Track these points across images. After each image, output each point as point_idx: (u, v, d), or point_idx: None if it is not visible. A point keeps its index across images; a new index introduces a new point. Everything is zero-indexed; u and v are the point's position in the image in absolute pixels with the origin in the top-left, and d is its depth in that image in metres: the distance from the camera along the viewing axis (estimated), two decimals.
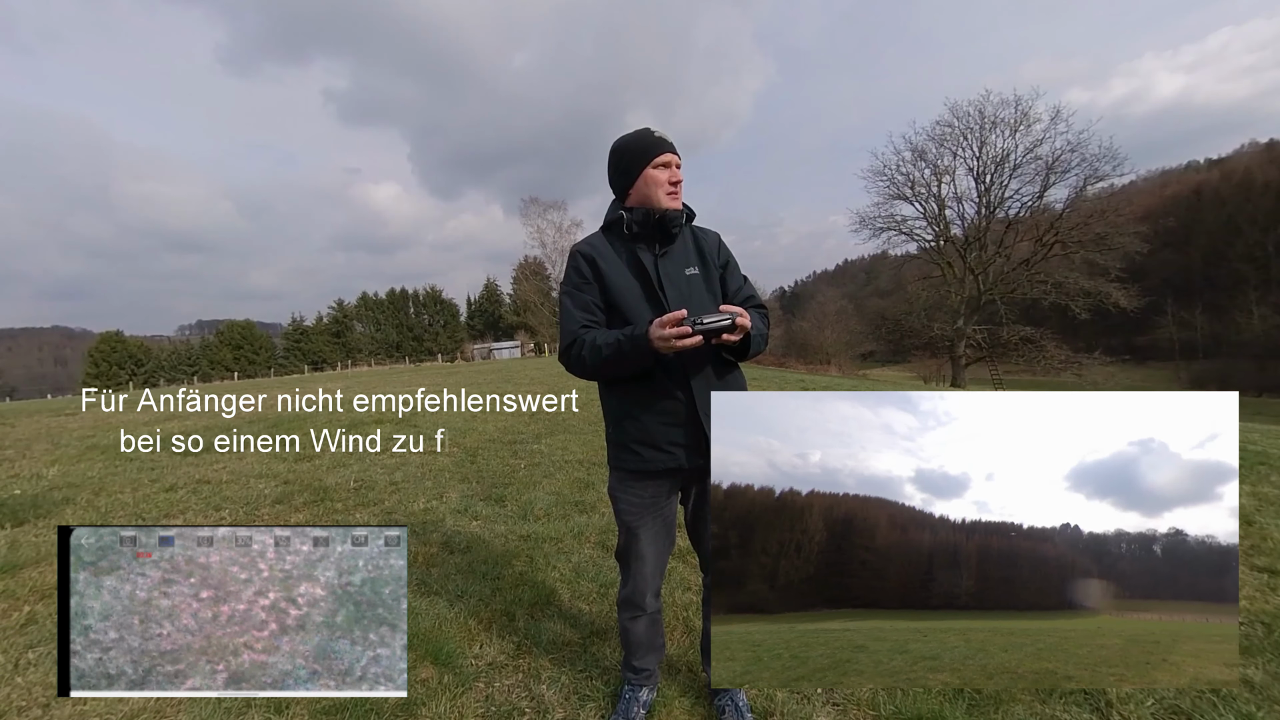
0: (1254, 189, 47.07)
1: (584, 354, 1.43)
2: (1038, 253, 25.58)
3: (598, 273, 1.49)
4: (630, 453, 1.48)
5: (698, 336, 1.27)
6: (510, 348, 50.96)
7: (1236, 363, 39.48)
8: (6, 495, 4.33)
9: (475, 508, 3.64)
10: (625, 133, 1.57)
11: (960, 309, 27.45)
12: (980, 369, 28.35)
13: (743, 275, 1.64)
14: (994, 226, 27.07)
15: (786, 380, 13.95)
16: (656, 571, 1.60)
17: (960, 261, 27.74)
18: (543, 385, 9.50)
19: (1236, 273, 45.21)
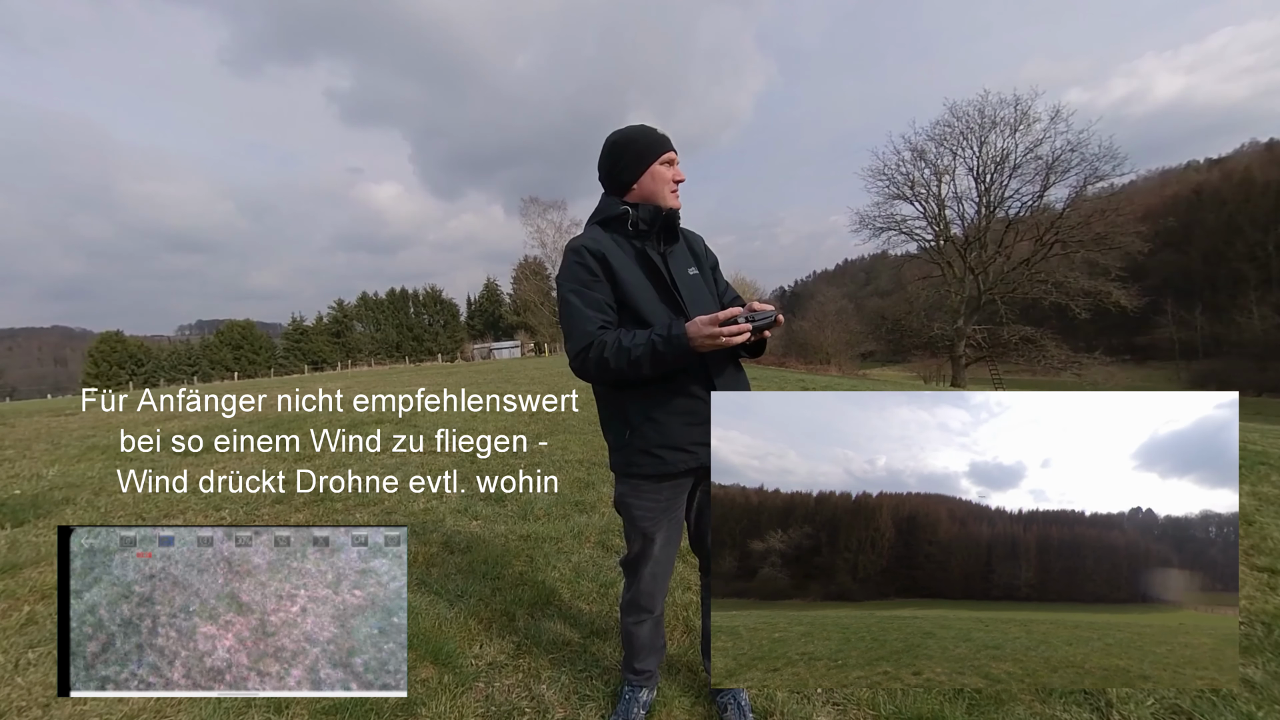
0: (1254, 189, 47.04)
1: (606, 356, 1.32)
2: (1038, 252, 25.56)
3: (609, 270, 1.41)
4: (651, 457, 1.42)
5: (750, 333, 1.27)
6: (510, 348, 50.95)
7: (1236, 363, 39.47)
8: (6, 495, 4.33)
9: (475, 508, 3.63)
10: (619, 128, 1.53)
11: (960, 309, 27.44)
12: (980, 369, 28.35)
13: (724, 279, 1.66)
14: (994, 226, 27.05)
15: (787, 380, 13.94)
16: (667, 574, 1.59)
17: (960, 261, 27.73)
18: (543, 385, 9.50)
19: (1236, 273, 45.19)
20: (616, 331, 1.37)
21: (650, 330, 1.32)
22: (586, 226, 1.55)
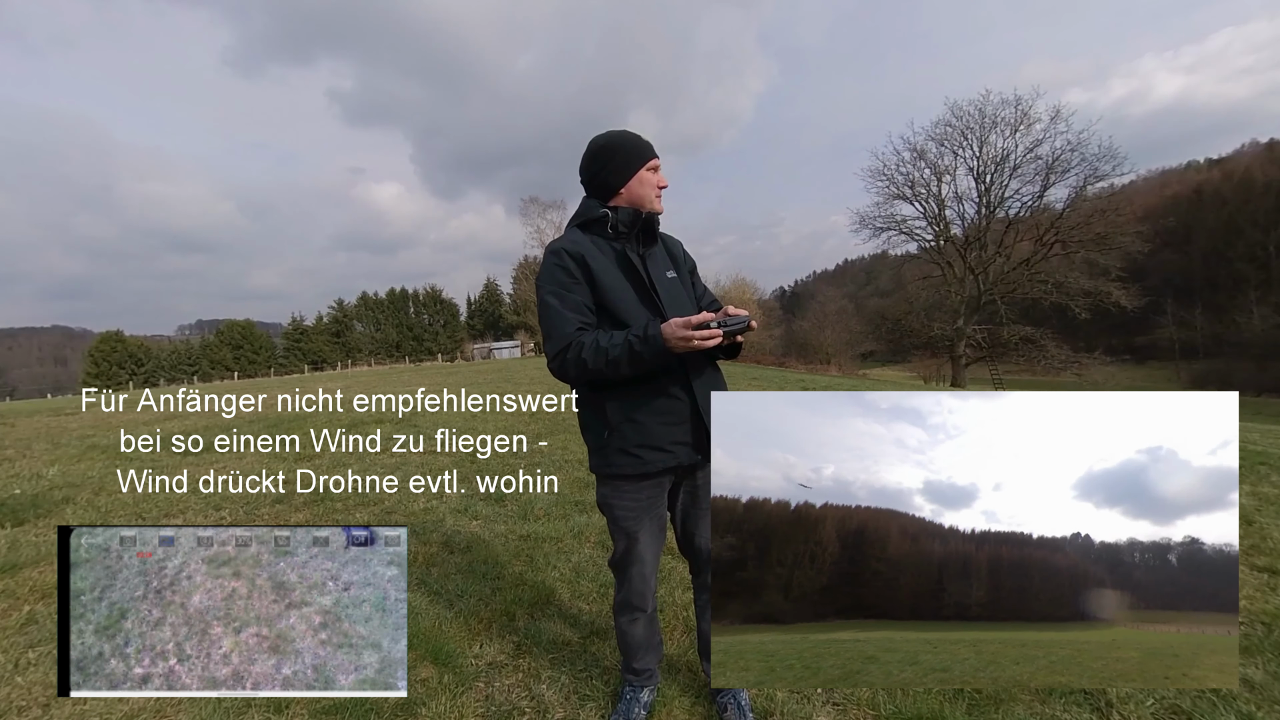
0: (1254, 189, 47.02)
1: (584, 356, 1.35)
2: (1038, 252, 25.59)
3: (588, 272, 1.43)
4: (630, 457, 1.45)
5: (722, 337, 1.28)
6: (510, 347, 50.96)
7: (1236, 363, 39.45)
8: (6, 495, 4.33)
9: (475, 508, 3.64)
10: (601, 133, 1.54)
11: (960, 309, 27.45)
12: (980, 369, 28.37)
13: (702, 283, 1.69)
14: (994, 226, 27.08)
15: (787, 380, 13.95)
16: (654, 571, 1.60)
17: (960, 261, 27.75)
18: (543, 385, 9.50)
19: (1236, 273, 45.17)
20: (594, 332, 1.39)
21: (628, 331, 1.35)
22: (566, 229, 1.56)
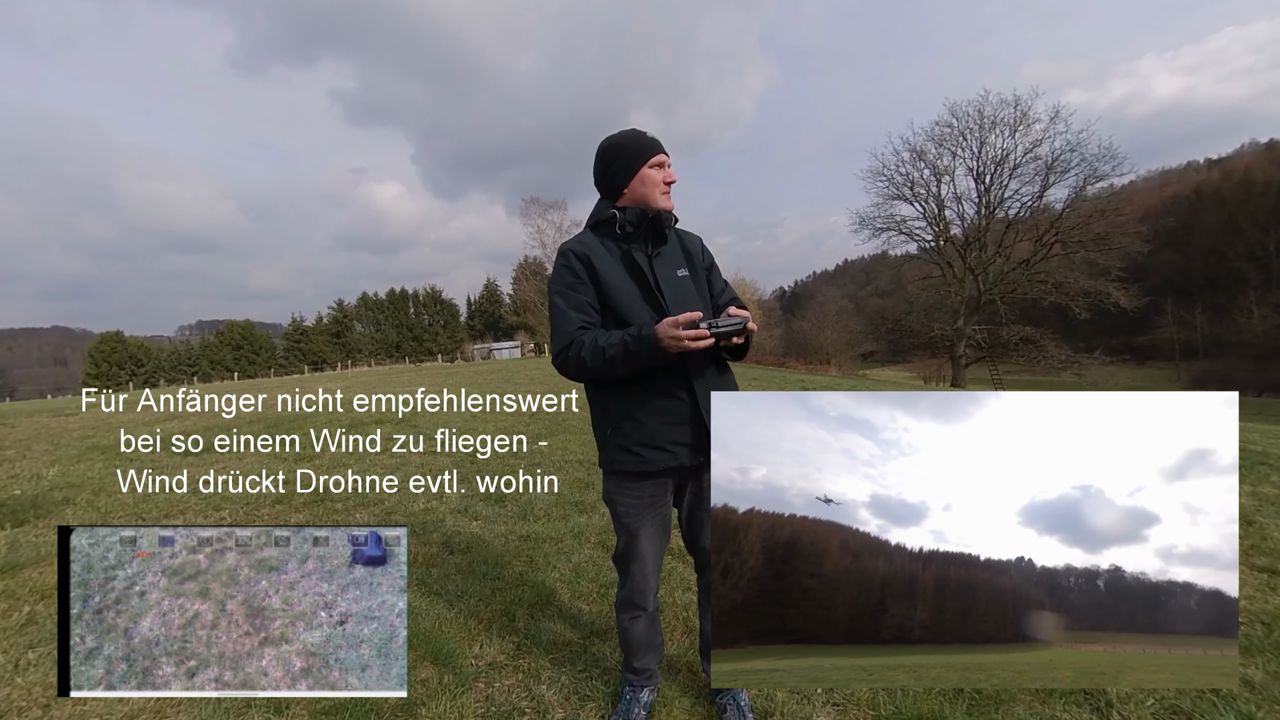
0: (1254, 189, 47.01)
1: (583, 354, 1.39)
2: (1038, 253, 25.57)
3: (593, 272, 1.47)
4: (631, 455, 1.47)
5: (710, 339, 1.28)
6: (510, 348, 50.95)
7: (1236, 363, 39.44)
8: (6, 495, 4.33)
9: (475, 508, 3.63)
10: (611, 133, 1.56)
11: (960, 309, 27.44)
12: (980, 369, 28.36)
13: (723, 279, 1.66)
14: (994, 226, 27.05)
15: (787, 380, 13.95)
16: (655, 570, 1.60)
17: (960, 261, 27.73)
18: (543, 385, 9.50)
19: (1237, 272, 45.16)
20: (595, 331, 1.43)
21: (625, 330, 1.37)
22: (583, 230, 1.60)
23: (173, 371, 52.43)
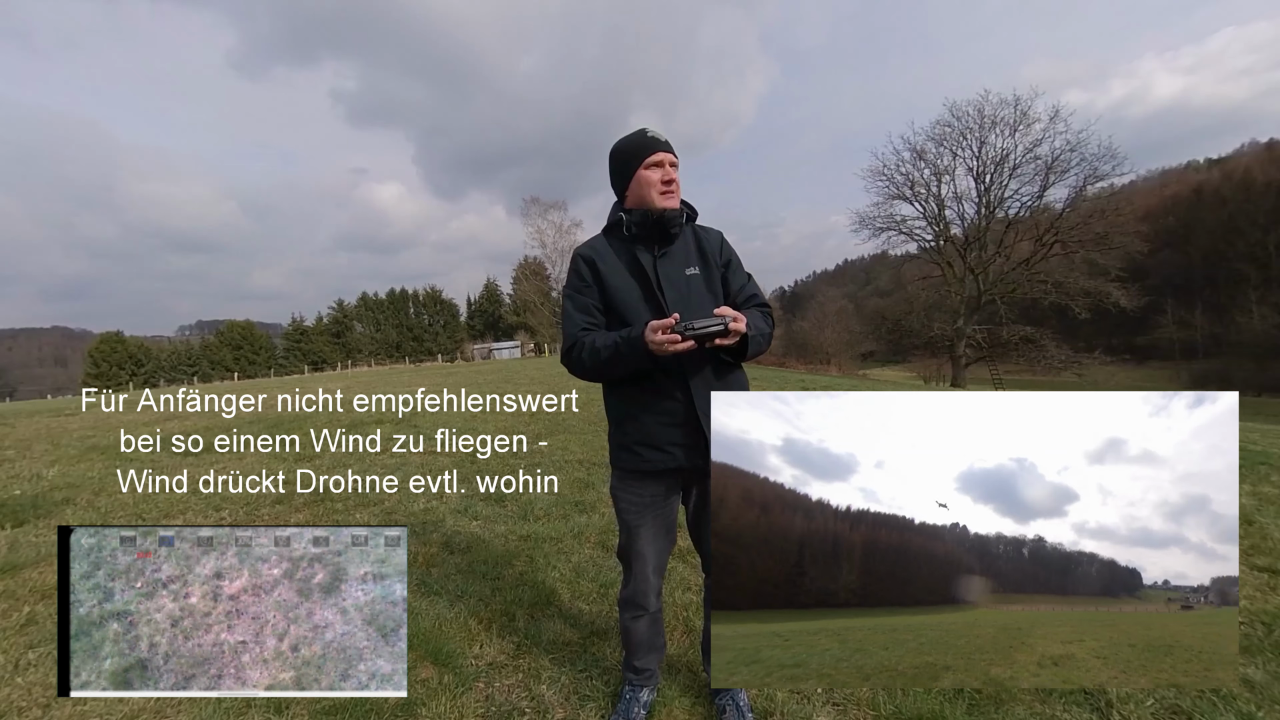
0: (1254, 188, 46.97)
1: (583, 356, 1.44)
2: (1038, 252, 25.56)
3: (597, 275, 1.51)
4: (631, 453, 1.49)
5: (689, 341, 1.27)
6: (510, 348, 50.94)
7: (1236, 363, 39.43)
8: (6, 495, 4.33)
9: (475, 508, 3.63)
10: (624, 134, 1.58)
11: (960, 309, 27.44)
12: (980, 369, 28.36)
13: (746, 273, 1.62)
14: (994, 226, 27.05)
15: (787, 380, 13.95)
16: (657, 570, 1.60)
17: (960, 261, 27.73)
18: (543, 385, 9.50)
19: (1236, 272, 45.13)
20: (595, 333, 1.48)
21: (620, 332, 1.41)
22: (598, 233, 1.64)
23: (173, 372, 52.42)
